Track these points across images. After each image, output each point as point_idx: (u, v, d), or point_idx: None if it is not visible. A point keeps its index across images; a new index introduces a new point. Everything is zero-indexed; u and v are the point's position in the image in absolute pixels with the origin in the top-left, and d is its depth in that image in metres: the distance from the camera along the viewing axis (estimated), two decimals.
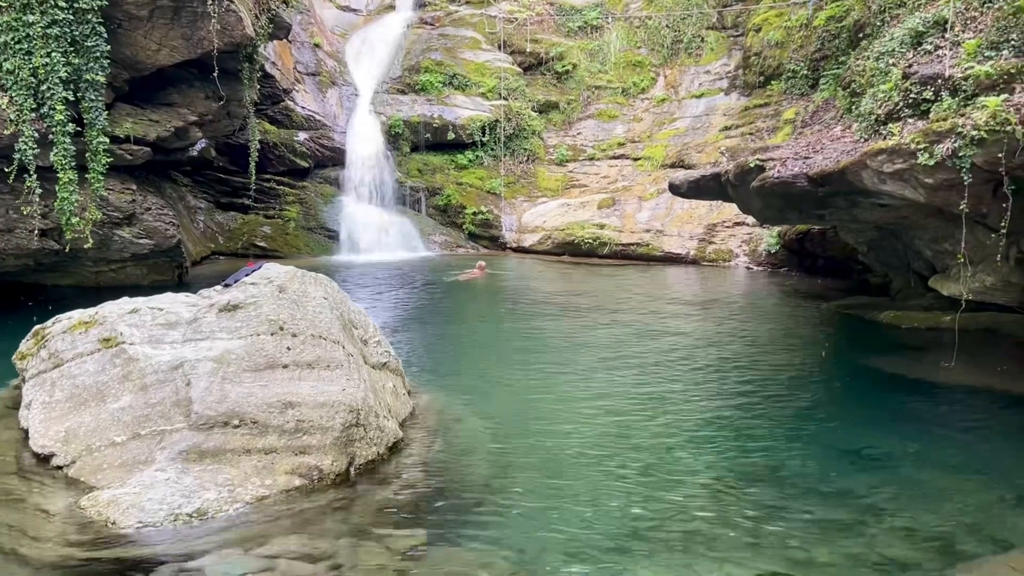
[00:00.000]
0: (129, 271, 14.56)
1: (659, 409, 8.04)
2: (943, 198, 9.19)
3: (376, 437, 6.07)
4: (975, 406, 8.45)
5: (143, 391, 5.67)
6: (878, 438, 7.22)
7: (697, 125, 23.93)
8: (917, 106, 9.59)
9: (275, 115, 22.01)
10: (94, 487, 5.26)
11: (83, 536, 4.72)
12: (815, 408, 8.37)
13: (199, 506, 5.02)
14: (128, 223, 13.71)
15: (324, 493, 5.47)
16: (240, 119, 17.03)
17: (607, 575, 4.68)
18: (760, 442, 7.13)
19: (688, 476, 6.28)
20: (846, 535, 5.21)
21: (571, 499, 5.76)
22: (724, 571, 4.72)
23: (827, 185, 10.53)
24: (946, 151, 8.60)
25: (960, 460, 6.77)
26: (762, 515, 5.52)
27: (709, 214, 21.21)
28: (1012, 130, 8.13)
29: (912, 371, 9.53)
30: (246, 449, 5.41)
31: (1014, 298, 10.32)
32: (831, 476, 6.30)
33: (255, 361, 5.80)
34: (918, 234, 11.50)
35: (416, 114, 24.07)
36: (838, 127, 12.40)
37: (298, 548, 4.74)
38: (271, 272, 6.67)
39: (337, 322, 6.43)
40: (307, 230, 22.05)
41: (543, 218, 23.21)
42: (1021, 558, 4.84)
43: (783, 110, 20.78)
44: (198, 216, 20.59)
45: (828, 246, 17.32)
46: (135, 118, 13.65)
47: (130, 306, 6.43)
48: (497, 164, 24.44)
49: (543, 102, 25.77)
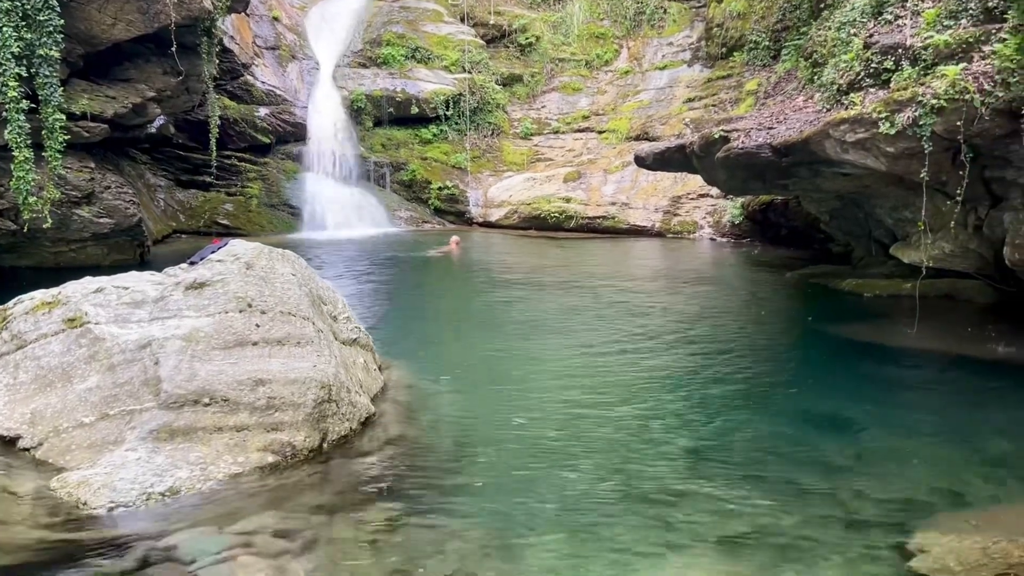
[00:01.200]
0: (89, 251, 14.30)
1: (628, 379, 8.12)
2: (904, 166, 9.33)
3: (348, 412, 6.06)
4: (937, 370, 8.64)
5: (111, 371, 5.60)
6: (843, 403, 7.37)
7: (661, 97, 23.96)
8: (878, 75, 9.69)
9: (235, 90, 21.63)
10: (63, 468, 5.20)
11: (54, 518, 4.68)
12: (780, 375, 8.52)
13: (171, 485, 4.99)
14: (87, 202, 13.45)
15: (298, 469, 5.47)
16: (199, 95, 16.74)
17: (578, 544, 4.73)
18: (727, 409, 7.24)
19: (656, 445, 6.36)
20: (813, 498, 5.32)
21: (543, 471, 5.80)
22: (693, 536, 4.80)
23: (790, 155, 10.63)
24: (907, 120, 8.72)
25: (923, 423, 6.93)
26: (730, 480, 5.61)
27: (674, 186, 21.31)
28: (971, 99, 8.26)
29: (875, 337, 9.71)
30: (217, 427, 5.38)
31: (972, 264, 10.54)
32: (797, 441, 6.42)
33: (224, 339, 5.75)
34: (879, 203, 11.67)
35: (379, 88, 23.79)
36: (800, 97, 12.50)
37: (273, 524, 4.74)
38: (238, 249, 6.59)
39: (306, 299, 6.39)
40: (270, 207, 21.79)
41: (509, 192, 23.17)
42: (982, 515, 4.98)
43: (745, 81, 20.86)
44: (158, 194, 20.25)
45: (791, 216, 17.52)
46: (91, 94, 13.35)
47: (94, 285, 6.32)
48: (462, 138, 24.30)
49: (507, 75, 25.61)
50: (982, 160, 9.07)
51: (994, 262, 10.14)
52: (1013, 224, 9.21)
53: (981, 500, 5.25)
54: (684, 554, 4.58)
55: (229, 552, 4.39)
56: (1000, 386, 8.00)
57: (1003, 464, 5.95)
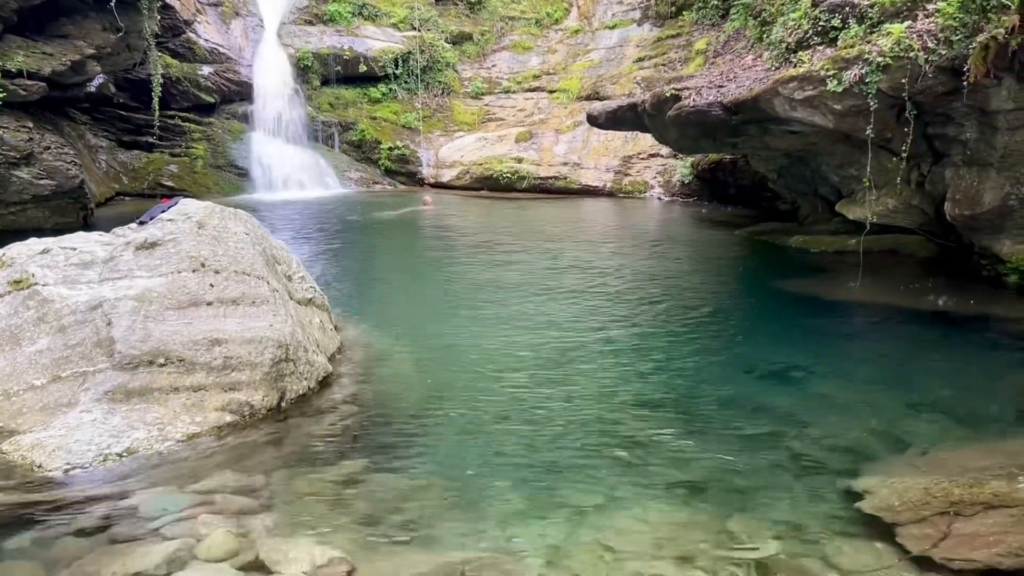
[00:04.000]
0: (30, 214, 13.91)
1: (581, 335, 8.23)
2: (850, 124, 9.51)
3: (306, 372, 6.06)
4: (881, 322, 8.91)
5: (61, 332, 5.50)
6: (790, 355, 7.58)
7: (611, 56, 23.93)
8: (826, 34, 9.83)
9: (177, 48, 21.02)
10: (15, 432, 5.10)
11: (8, 481, 4.61)
12: (729, 328, 8.70)
13: (129, 445, 4.95)
14: (26, 163, 13.05)
15: (257, 428, 5.46)
16: (140, 52, 16.28)
17: (536, 494, 4.82)
18: (680, 362, 7.40)
19: (610, 398, 6.47)
20: (763, 445, 5.49)
21: (500, 426, 5.88)
22: (650, 484, 4.92)
23: (741, 113, 10.76)
24: (853, 77, 8.88)
25: (868, 372, 7.16)
26: (683, 431, 5.76)
27: (625, 146, 21.40)
28: (915, 56, 8.44)
29: (821, 291, 9.95)
30: (174, 387, 5.33)
31: (915, 220, 10.83)
32: (746, 391, 6.59)
33: (178, 299, 5.68)
34: (826, 160, 11.89)
35: (325, 46, 23.36)
36: (749, 56, 12.62)
37: (234, 482, 4.74)
38: (188, 208, 6.48)
39: (260, 258, 6.32)
40: (216, 168, 21.37)
41: (460, 153, 23.04)
42: (921, 459, 5.19)
43: (695, 40, 20.94)
44: (99, 155, 19.70)
45: (739, 175, 17.75)
46: (27, 51, 12.90)
47: (40, 247, 6.17)
48: (412, 98, 24.03)
49: (456, 33, 25.32)
50: (925, 117, 9.30)
51: (935, 217, 10.44)
52: (954, 180, 9.48)
53: (922, 443, 5.46)
54: (638, 502, 4.69)
55: (190, 511, 4.37)
56: (939, 336, 8.31)
57: (942, 409, 6.19)
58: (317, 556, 3.83)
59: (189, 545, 3.95)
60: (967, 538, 4.00)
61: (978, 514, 4.20)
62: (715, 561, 4.01)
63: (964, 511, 4.23)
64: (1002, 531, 4.01)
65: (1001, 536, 3.97)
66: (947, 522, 4.15)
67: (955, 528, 4.10)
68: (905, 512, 4.29)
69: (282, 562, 3.82)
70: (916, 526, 4.16)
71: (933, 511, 4.27)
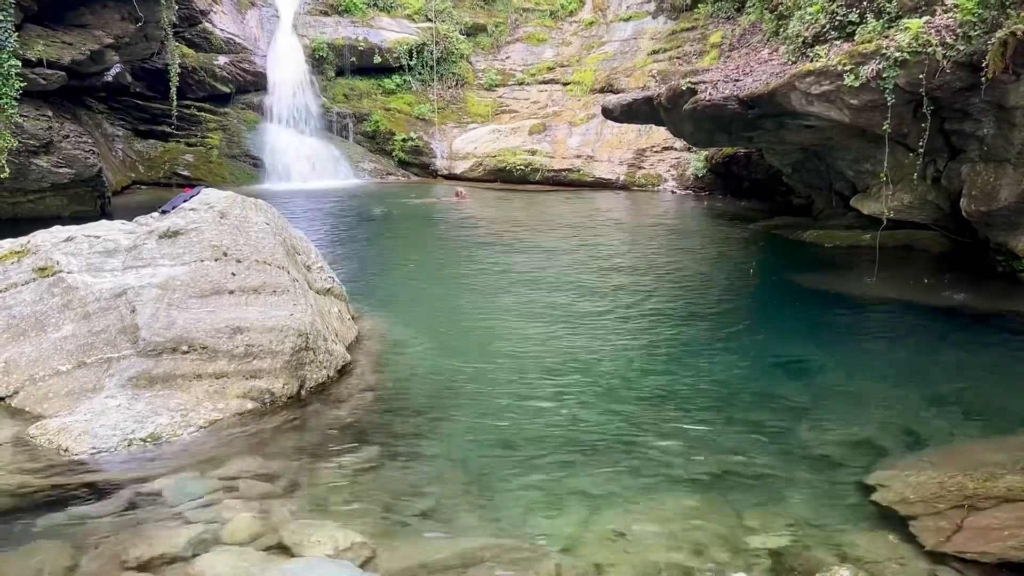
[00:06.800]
0: (48, 201, 14.04)
1: (597, 328, 8.27)
2: (867, 119, 9.50)
3: (325, 360, 6.13)
4: (895, 317, 8.92)
5: (86, 319, 5.59)
6: (805, 349, 7.61)
7: (625, 49, 23.89)
8: (843, 28, 9.82)
9: (193, 38, 21.11)
10: (41, 416, 5.21)
11: (36, 463, 4.71)
12: (745, 322, 8.72)
13: (152, 431, 5.03)
14: (46, 151, 13.17)
15: (277, 415, 5.54)
16: (158, 41, 16.37)
17: (553, 483, 4.88)
18: (694, 355, 7.44)
19: (626, 390, 6.53)
20: (778, 438, 5.53)
21: (517, 415, 5.94)
22: (665, 474, 4.98)
23: (757, 107, 10.76)
24: (871, 72, 8.87)
25: (882, 367, 7.19)
26: (698, 422, 5.81)
27: (638, 139, 21.38)
28: (933, 51, 8.43)
29: (835, 286, 9.96)
30: (197, 374, 5.42)
31: (930, 216, 10.82)
32: (762, 384, 6.63)
33: (200, 287, 5.76)
34: (841, 155, 11.88)
35: (340, 36, 23.40)
36: (765, 50, 12.59)
37: (255, 468, 4.82)
38: (211, 197, 6.56)
39: (280, 248, 6.40)
40: (231, 158, 21.48)
41: (474, 144, 23.06)
42: (935, 453, 5.22)
43: (710, 34, 20.88)
44: (116, 144, 19.84)
45: (753, 169, 17.72)
46: (47, 40, 13.00)
47: (64, 234, 6.26)
48: (426, 89, 24.05)
49: (471, 24, 25.32)
50: (942, 113, 9.28)
51: (951, 213, 10.43)
52: (970, 176, 9.47)
53: (937, 438, 5.50)
54: (654, 492, 4.75)
55: (213, 495, 4.46)
56: (953, 331, 8.32)
57: (956, 404, 6.22)
58: (340, 540, 3.90)
59: (213, 528, 4.03)
60: (981, 531, 4.04)
61: (992, 508, 4.24)
62: (730, 551, 4.06)
63: (978, 505, 4.27)
64: (1016, 525, 4.05)
65: (1015, 530, 4.01)
66: (961, 515, 4.19)
67: (969, 521, 4.14)
68: (919, 505, 4.33)
69: (305, 545, 3.89)
70: (930, 519, 4.20)
71: (947, 504, 4.31)
